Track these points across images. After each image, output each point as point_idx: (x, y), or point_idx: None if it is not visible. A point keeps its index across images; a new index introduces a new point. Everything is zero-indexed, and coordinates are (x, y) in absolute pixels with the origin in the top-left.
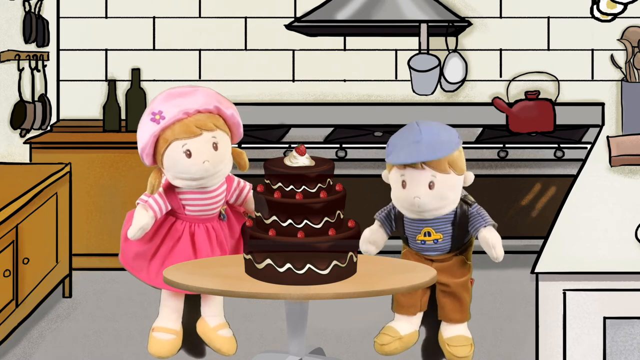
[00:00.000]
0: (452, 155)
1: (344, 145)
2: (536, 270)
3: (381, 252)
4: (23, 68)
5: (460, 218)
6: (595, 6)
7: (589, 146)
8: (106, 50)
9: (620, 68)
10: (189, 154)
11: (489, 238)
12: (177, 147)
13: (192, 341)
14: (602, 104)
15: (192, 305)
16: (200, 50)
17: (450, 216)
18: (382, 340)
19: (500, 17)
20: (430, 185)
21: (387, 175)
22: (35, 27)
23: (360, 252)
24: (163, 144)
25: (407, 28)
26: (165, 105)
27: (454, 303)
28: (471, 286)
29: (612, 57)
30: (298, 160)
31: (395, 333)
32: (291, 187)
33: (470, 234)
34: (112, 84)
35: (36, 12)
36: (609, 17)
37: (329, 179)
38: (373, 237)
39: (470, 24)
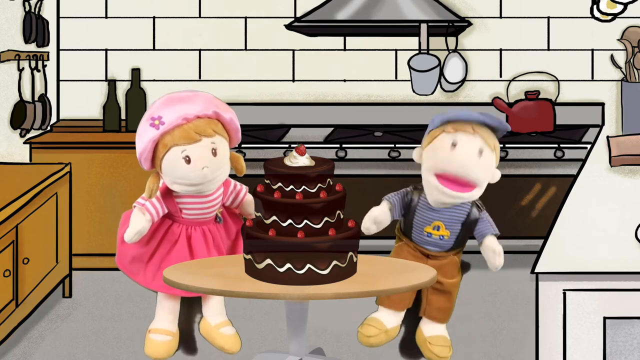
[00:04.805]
0: (497, 140)
1: (344, 145)
2: (536, 270)
3: (379, 252)
4: (23, 68)
5: (470, 220)
6: (595, 6)
7: (589, 146)
8: (106, 50)
9: (620, 68)
10: (188, 160)
11: (496, 246)
12: (176, 153)
13: (188, 342)
14: (602, 104)
15: (189, 308)
16: (200, 50)
17: (462, 215)
18: (368, 332)
19: (500, 17)
20: (480, 152)
21: (419, 153)
22: (35, 27)
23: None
24: (162, 149)
25: (407, 28)
26: (164, 111)
27: (443, 302)
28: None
29: (612, 57)
30: (298, 160)
31: (381, 326)
32: (291, 187)
33: (468, 237)
34: (112, 84)
35: (36, 12)
36: (609, 17)
37: (329, 179)
38: (380, 217)
39: (470, 24)
